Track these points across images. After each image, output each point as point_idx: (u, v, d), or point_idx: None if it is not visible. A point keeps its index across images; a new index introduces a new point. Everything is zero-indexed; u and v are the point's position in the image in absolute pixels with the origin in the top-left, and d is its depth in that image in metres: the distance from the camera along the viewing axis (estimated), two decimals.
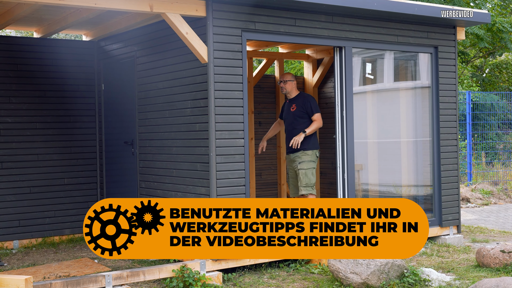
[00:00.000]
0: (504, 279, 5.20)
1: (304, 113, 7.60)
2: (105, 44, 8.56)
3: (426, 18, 7.75)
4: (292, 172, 7.75)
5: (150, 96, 7.55)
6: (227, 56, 6.48)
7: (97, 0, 5.90)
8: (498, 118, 16.57)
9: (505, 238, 8.52)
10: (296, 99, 7.73)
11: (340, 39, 7.35)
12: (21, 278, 4.88)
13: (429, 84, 8.16)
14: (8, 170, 8.07)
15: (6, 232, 8.01)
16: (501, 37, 17.52)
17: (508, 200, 12.86)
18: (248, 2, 6.55)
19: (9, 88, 8.11)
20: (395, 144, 8.48)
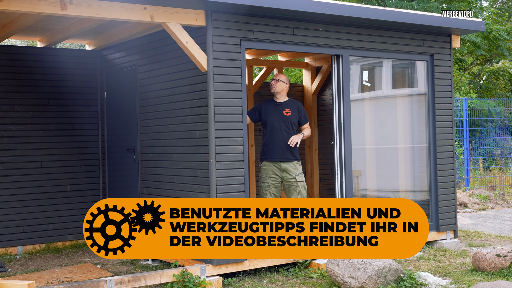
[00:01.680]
0: (499, 282, 5.21)
1: (298, 120, 7.35)
2: (108, 53, 8.59)
3: (421, 26, 7.77)
4: (276, 182, 7.20)
5: (151, 104, 7.57)
6: (226, 65, 6.50)
7: (99, 10, 5.93)
8: (495, 124, 16.57)
9: (501, 243, 8.51)
10: (288, 104, 7.35)
11: (338, 47, 7.36)
12: (24, 283, 4.89)
13: (426, 91, 8.18)
14: (12, 177, 8.09)
15: (10, 238, 8.02)
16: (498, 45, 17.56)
17: (505, 205, 12.84)
18: (246, 12, 6.58)
19: (13, 97, 8.14)
20: (392, 150, 8.49)
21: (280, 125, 7.23)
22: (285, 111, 7.29)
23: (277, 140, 7.21)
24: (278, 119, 7.25)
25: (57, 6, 5.74)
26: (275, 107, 7.34)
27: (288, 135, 7.21)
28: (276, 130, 7.23)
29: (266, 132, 7.31)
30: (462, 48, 17.57)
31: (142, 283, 5.71)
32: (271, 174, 7.21)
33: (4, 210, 7.99)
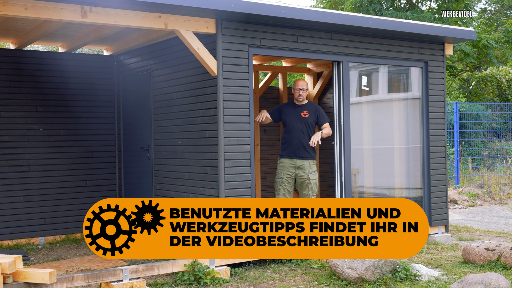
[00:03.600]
0: (488, 274, 5.19)
1: (315, 122, 7.35)
2: (124, 58, 8.59)
3: (417, 35, 7.75)
4: (290, 178, 7.21)
5: (164, 105, 7.57)
6: (235, 70, 6.50)
7: (116, 18, 5.94)
8: (483, 127, 16.53)
9: (489, 237, 8.49)
10: (306, 106, 7.35)
11: (338, 54, 7.35)
12: (46, 271, 4.89)
13: (420, 96, 8.16)
14: (35, 173, 8.10)
15: (33, 229, 8.04)
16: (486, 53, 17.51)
17: (492, 202, 12.81)
18: (254, 21, 6.58)
19: (36, 98, 8.15)
20: (388, 150, 8.47)
21: (298, 126, 7.24)
22: (303, 113, 7.30)
23: (294, 140, 7.22)
24: (296, 120, 7.26)
25: (78, 14, 5.74)
26: (294, 109, 7.35)
27: (304, 135, 7.23)
28: (294, 130, 7.24)
29: (285, 132, 7.33)
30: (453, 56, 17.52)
31: (155, 272, 5.71)
32: (286, 171, 7.20)
33: (27, 203, 8.01)
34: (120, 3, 5.79)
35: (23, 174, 8.01)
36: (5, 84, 7.94)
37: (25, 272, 4.91)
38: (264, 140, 9.73)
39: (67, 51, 8.55)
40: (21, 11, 5.50)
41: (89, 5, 5.76)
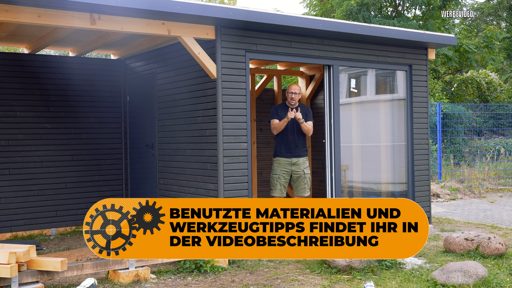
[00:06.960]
0: (467, 262, 5.23)
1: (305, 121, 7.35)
2: (130, 62, 8.60)
3: (402, 41, 7.78)
4: (287, 175, 7.24)
5: (167, 106, 7.58)
6: (233, 73, 6.52)
7: (123, 25, 5.95)
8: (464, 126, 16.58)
9: (469, 228, 8.52)
10: (298, 108, 7.34)
11: (329, 58, 7.37)
12: (58, 260, 4.91)
13: (405, 97, 8.19)
14: (47, 169, 8.12)
15: (45, 221, 8.06)
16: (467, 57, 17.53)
17: (472, 196, 12.85)
18: (251, 27, 6.59)
19: (48, 99, 8.16)
20: (375, 147, 8.49)
21: (291, 126, 7.27)
22: None
23: (288, 139, 7.26)
24: (290, 121, 7.25)
25: (87, 21, 5.75)
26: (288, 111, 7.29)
27: (298, 135, 7.26)
28: (288, 130, 7.27)
29: (280, 132, 7.30)
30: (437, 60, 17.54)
31: (159, 260, 5.73)
32: (282, 168, 7.25)
33: (40, 196, 8.02)
34: (127, 11, 5.80)
35: (36, 170, 8.03)
36: (19, 86, 7.95)
37: (38, 260, 4.93)
38: (260, 138, 9.75)
39: (77, 55, 8.56)
40: (35, 18, 5.52)
41: (98, 13, 5.77)
